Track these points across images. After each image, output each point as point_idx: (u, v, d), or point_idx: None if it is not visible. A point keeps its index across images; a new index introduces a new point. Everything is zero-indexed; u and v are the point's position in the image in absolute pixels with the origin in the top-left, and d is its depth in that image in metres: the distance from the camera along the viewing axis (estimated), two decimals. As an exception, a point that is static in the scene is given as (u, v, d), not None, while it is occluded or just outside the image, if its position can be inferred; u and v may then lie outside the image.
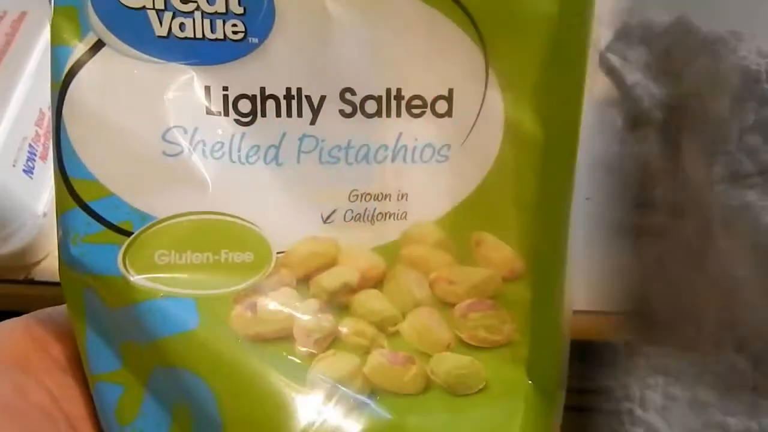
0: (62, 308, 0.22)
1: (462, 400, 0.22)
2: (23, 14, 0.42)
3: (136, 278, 0.21)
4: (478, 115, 0.22)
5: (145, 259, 0.21)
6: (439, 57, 0.21)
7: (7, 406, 0.20)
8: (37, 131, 0.40)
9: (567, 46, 0.21)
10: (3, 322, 0.23)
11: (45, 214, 0.40)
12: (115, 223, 0.21)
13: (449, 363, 0.22)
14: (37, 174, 0.40)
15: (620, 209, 0.30)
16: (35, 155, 0.40)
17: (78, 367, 0.22)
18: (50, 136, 0.42)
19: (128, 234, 0.21)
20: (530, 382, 0.23)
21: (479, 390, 0.23)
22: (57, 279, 0.22)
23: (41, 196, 0.40)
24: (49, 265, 0.40)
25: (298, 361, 0.21)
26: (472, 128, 0.22)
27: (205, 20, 0.20)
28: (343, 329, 0.22)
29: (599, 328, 0.30)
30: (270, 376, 0.21)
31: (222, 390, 0.20)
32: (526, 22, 0.21)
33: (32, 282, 0.39)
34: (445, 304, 0.23)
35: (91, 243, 0.21)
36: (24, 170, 0.39)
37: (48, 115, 0.41)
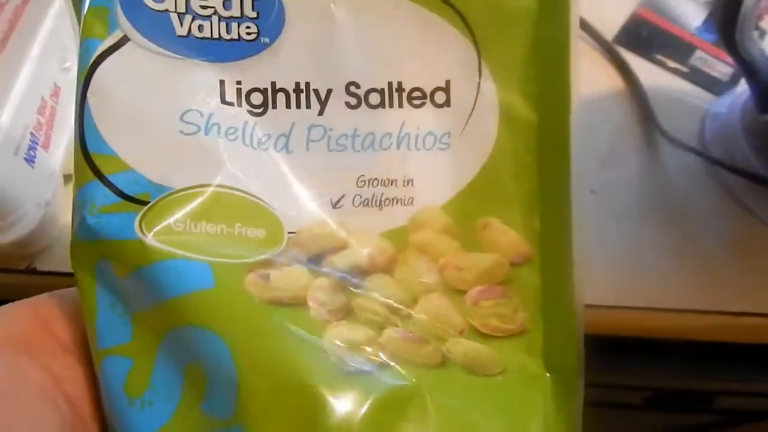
0: (72, 290, 0.22)
1: (481, 380, 0.22)
2: (26, 1, 0.42)
3: (152, 240, 0.21)
4: (474, 104, 0.23)
5: (162, 225, 0.21)
6: (435, 52, 0.23)
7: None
8: (39, 119, 0.40)
9: (550, 33, 0.23)
10: (10, 303, 0.22)
11: (47, 203, 0.39)
12: (132, 195, 0.21)
13: (464, 346, 0.22)
14: (39, 163, 0.40)
15: None
16: (37, 144, 0.40)
17: (83, 349, 0.22)
18: (52, 125, 0.42)
19: (145, 204, 0.21)
20: (548, 374, 0.23)
21: (498, 373, 0.22)
22: (59, 268, 0.22)
23: (43, 184, 0.40)
24: (51, 255, 0.39)
25: (313, 324, 0.21)
26: (469, 117, 0.23)
27: (221, 23, 0.22)
28: (356, 307, 0.22)
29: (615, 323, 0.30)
30: (286, 333, 0.20)
31: (238, 345, 0.20)
32: (511, 15, 0.23)
33: (34, 271, 0.38)
34: (455, 291, 0.23)
35: (107, 212, 0.21)
36: (26, 158, 0.39)
37: (50, 103, 0.40)
